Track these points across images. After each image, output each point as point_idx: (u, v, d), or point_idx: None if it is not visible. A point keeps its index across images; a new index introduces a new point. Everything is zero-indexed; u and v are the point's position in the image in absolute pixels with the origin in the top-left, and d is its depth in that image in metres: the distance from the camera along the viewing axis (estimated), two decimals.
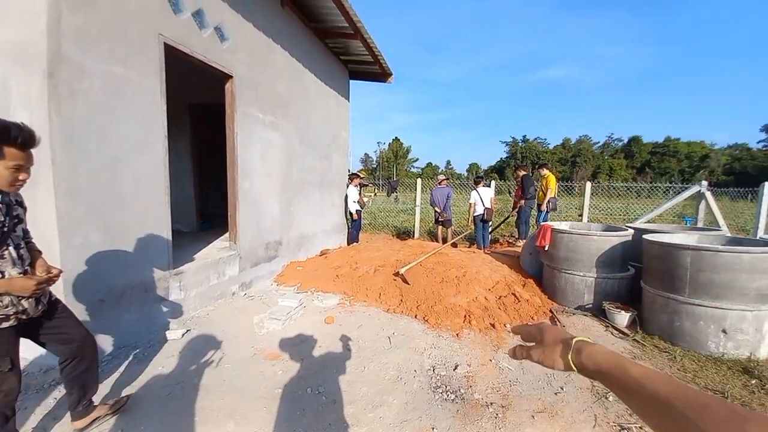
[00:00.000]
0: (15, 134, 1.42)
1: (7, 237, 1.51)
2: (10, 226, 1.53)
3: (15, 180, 1.48)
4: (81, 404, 1.90)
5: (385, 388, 2.41)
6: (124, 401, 2.13)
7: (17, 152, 1.45)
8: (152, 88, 2.95)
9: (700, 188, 6.61)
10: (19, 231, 1.59)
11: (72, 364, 1.84)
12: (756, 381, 2.58)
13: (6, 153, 1.42)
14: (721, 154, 51.29)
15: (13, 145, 1.43)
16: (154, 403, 2.20)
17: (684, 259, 3.08)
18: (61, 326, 1.80)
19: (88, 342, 1.91)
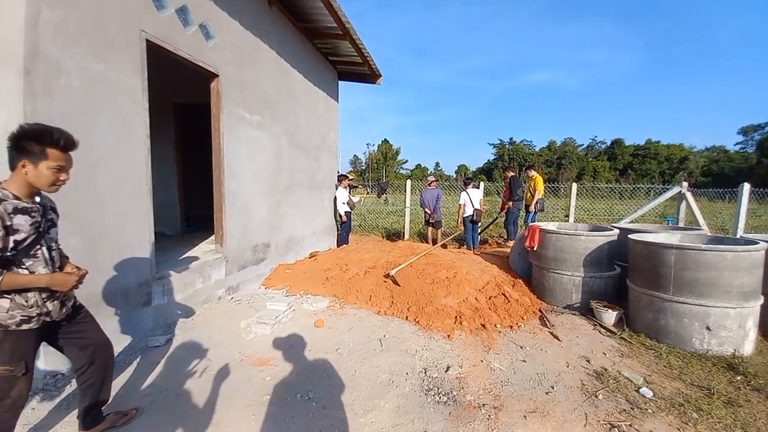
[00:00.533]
0: (57, 137, 1.51)
1: (41, 237, 1.58)
2: (45, 227, 1.60)
3: (56, 180, 1.55)
4: (91, 414, 1.87)
5: (376, 392, 2.38)
6: (134, 414, 2.08)
7: (59, 154, 1.53)
8: (133, 87, 2.86)
9: (681, 189, 6.81)
10: (53, 233, 1.66)
11: (89, 371, 1.82)
12: (741, 377, 2.64)
13: (49, 154, 1.50)
14: (700, 156, 53.02)
15: (55, 147, 1.51)
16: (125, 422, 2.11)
17: (668, 257, 3.14)
18: (83, 331, 1.81)
19: (106, 348, 1.90)
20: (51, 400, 2.19)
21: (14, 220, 1.47)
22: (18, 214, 1.49)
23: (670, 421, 2.15)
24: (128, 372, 2.52)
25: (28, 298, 1.53)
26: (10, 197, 1.49)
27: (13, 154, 1.50)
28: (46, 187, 1.54)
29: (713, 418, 2.17)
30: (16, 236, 1.48)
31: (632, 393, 2.44)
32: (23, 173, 1.50)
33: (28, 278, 1.51)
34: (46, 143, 1.49)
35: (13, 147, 1.49)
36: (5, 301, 1.49)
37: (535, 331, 3.48)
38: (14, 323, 1.51)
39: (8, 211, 1.46)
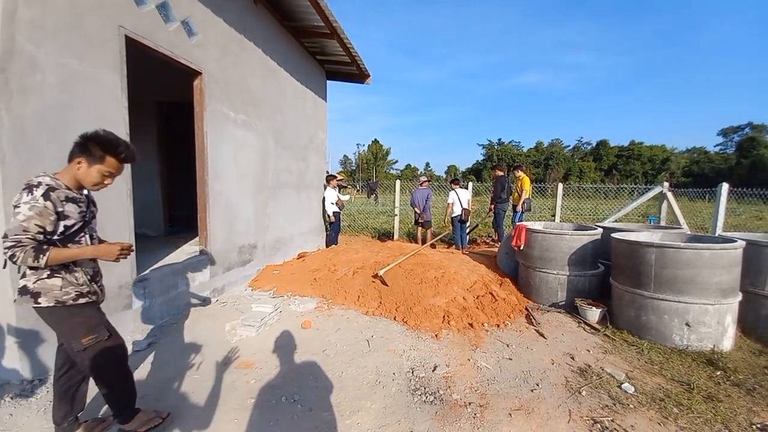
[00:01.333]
0: (121, 150, 1.68)
1: (86, 225, 1.74)
2: (89, 217, 1.77)
3: (100, 183, 1.71)
4: (67, 420, 1.87)
5: (363, 393, 2.36)
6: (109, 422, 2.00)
7: (115, 163, 1.70)
8: (111, 84, 2.77)
9: (662, 189, 6.98)
10: (93, 224, 1.83)
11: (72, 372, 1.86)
12: (721, 372, 2.70)
13: (106, 161, 1.67)
14: (681, 157, 54.60)
15: (115, 157, 1.68)
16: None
17: (649, 256, 3.21)
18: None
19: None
20: (28, 405, 2.13)
21: (65, 207, 1.63)
22: (69, 202, 1.65)
23: (651, 416, 2.20)
24: None
25: (77, 277, 1.69)
26: (63, 187, 1.64)
27: (75, 149, 1.66)
28: (89, 185, 1.71)
29: (693, 412, 2.22)
30: (66, 222, 1.64)
31: (615, 389, 2.48)
32: (76, 169, 1.67)
33: (74, 251, 1.64)
34: (108, 151, 1.66)
35: (79, 144, 1.66)
36: (57, 279, 1.64)
37: (522, 330, 3.51)
38: (70, 298, 1.66)
39: (61, 199, 1.61)
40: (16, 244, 1.49)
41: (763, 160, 41.99)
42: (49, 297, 1.63)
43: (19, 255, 1.49)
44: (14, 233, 1.50)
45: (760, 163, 41.36)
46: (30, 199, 1.53)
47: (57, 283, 1.64)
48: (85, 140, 1.65)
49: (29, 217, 1.52)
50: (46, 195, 1.56)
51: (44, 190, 1.56)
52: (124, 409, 1.86)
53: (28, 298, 1.63)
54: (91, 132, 1.66)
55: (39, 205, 1.53)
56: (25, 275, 1.64)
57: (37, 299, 1.62)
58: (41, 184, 1.57)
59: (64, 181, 1.66)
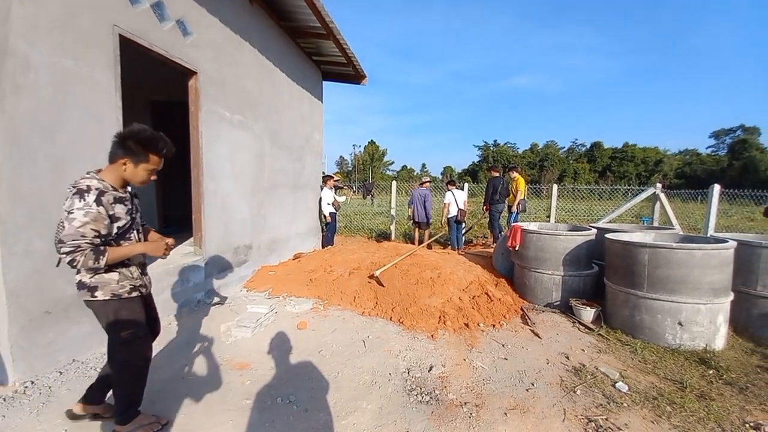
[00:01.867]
0: (162, 146, 1.73)
1: (134, 222, 1.80)
2: (135, 214, 1.82)
3: (147, 180, 1.78)
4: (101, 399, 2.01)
5: (359, 393, 2.36)
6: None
7: (158, 160, 1.76)
8: (105, 83, 2.75)
9: (655, 190, 7.06)
10: (138, 218, 1.87)
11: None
12: (713, 371, 2.73)
13: (150, 159, 1.72)
14: (674, 158, 55.25)
15: (157, 154, 1.74)
16: (107, 421, 2.02)
17: (642, 256, 3.25)
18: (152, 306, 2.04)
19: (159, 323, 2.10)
20: (21, 407, 2.10)
21: (115, 210, 1.68)
22: (117, 203, 1.69)
23: (644, 415, 2.22)
24: None
25: (131, 271, 1.79)
26: (110, 189, 1.67)
27: (117, 150, 1.69)
28: (138, 184, 1.78)
29: (686, 411, 2.25)
30: (118, 223, 1.70)
31: (609, 388, 2.50)
32: (122, 169, 1.71)
33: (127, 248, 1.72)
34: (151, 149, 1.71)
35: (119, 144, 1.68)
36: (114, 274, 1.73)
37: (517, 330, 3.53)
38: (125, 292, 1.76)
39: (110, 202, 1.65)
40: (75, 249, 1.54)
41: (754, 162, 42.62)
42: (105, 290, 1.71)
43: (78, 259, 1.54)
44: (72, 239, 1.54)
45: (752, 165, 41.98)
46: (83, 204, 1.57)
47: (114, 278, 1.73)
48: (123, 139, 1.67)
49: (85, 223, 1.56)
50: (98, 200, 1.60)
51: (96, 195, 1.60)
52: (127, 409, 1.86)
53: (85, 292, 1.70)
54: (128, 130, 1.68)
55: (93, 211, 1.58)
56: (80, 271, 1.69)
57: (94, 293, 1.70)
58: (91, 189, 1.60)
59: (110, 182, 1.70)
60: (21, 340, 2.28)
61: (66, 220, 1.56)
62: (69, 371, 2.47)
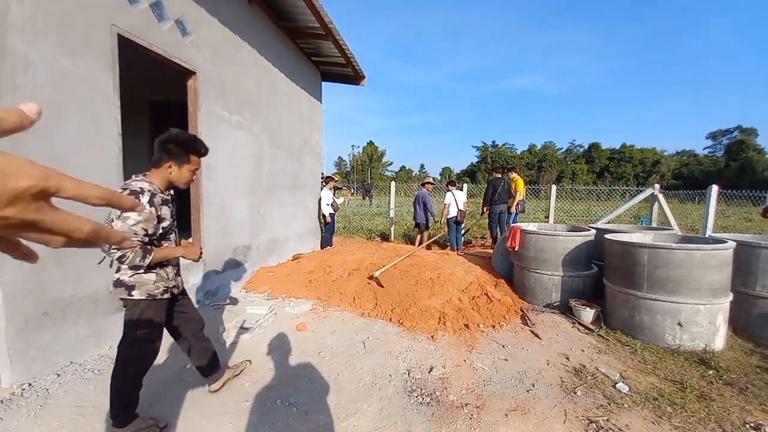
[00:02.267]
0: (200, 146, 1.85)
1: (174, 222, 1.91)
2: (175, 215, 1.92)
3: (190, 180, 1.89)
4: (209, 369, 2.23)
5: (359, 395, 2.34)
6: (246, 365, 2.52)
7: (197, 160, 1.88)
8: (104, 83, 2.74)
9: (654, 191, 7.08)
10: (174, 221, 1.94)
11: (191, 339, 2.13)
12: (713, 372, 2.73)
13: (192, 160, 1.84)
14: (671, 159, 55.53)
15: (197, 155, 1.86)
16: (104, 424, 2.00)
17: (642, 256, 3.25)
18: (186, 305, 2.13)
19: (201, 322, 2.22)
20: (18, 409, 2.08)
21: (162, 211, 1.78)
22: (163, 205, 1.80)
23: (645, 415, 2.21)
24: (97, 382, 2.40)
25: (167, 272, 1.88)
26: (158, 191, 1.78)
27: (161, 154, 1.78)
28: (183, 185, 1.88)
29: (687, 411, 2.24)
30: (163, 224, 1.79)
31: (609, 388, 2.50)
32: (168, 172, 1.81)
33: (168, 250, 1.82)
34: (191, 151, 1.82)
35: (162, 149, 1.77)
36: (152, 275, 1.81)
37: (517, 330, 3.53)
38: (159, 293, 1.84)
39: (159, 203, 1.75)
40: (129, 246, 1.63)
41: (751, 162, 42.87)
42: (142, 290, 1.79)
43: (129, 256, 1.63)
44: None
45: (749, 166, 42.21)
46: None
47: (152, 278, 1.81)
48: (165, 143, 1.77)
49: (138, 222, 1.67)
50: (151, 201, 1.71)
51: (149, 197, 1.71)
52: (125, 409, 1.86)
53: (123, 290, 1.78)
54: (167, 135, 1.78)
55: (146, 211, 1.69)
56: (120, 269, 1.78)
57: (131, 292, 1.78)
58: (144, 190, 1.70)
59: (157, 184, 1.80)
60: (18, 341, 2.26)
61: (119, 219, 1.66)
62: (66, 373, 2.45)
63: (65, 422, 2.01)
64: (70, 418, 2.05)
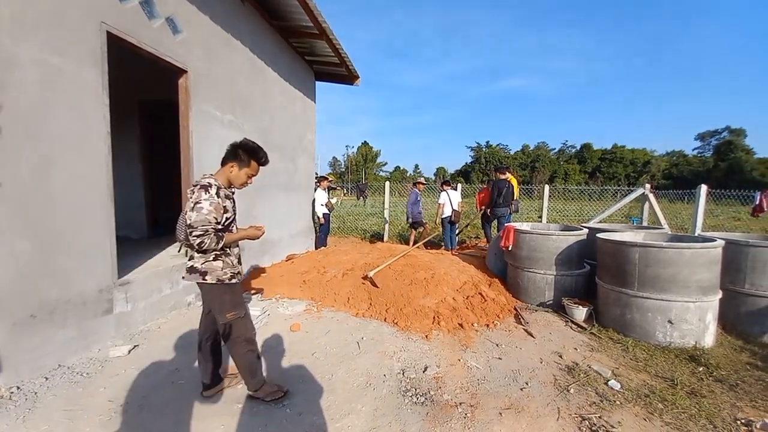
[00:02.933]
0: (261, 155, 2.11)
1: (235, 215, 2.12)
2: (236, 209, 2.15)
3: (245, 182, 2.13)
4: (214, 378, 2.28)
5: (353, 395, 2.33)
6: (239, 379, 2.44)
7: (257, 167, 2.13)
8: (92, 81, 2.69)
9: (644, 191, 7.17)
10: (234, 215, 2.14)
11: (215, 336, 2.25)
12: (703, 368, 2.77)
13: (251, 165, 2.09)
14: (661, 160, 56.25)
15: (257, 162, 2.11)
16: (93, 428, 1.97)
17: (633, 255, 3.28)
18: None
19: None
20: (7, 412, 2.04)
21: (226, 203, 2.01)
22: (227, 199, 2.04)
23: (636, 412, 2.23)
24: (86, 385, 2.35)
25: (231, 260, 2.09)
26: (223, 187, 2.03)
27: (229, 156, 2.05)
28: (238, 185, 2.13)
29: (678, 408, 2.27)
30: (227, 215, 2.03)
31: (601, 386, 2.52)
32: (229, 171, 2.06)
33: (235, 234, 2.09)
34: (252, 157, 2.07)
35: (232, 152, 2.05)
36: (219, 262, 2.03)
37: (511, 329, 3.54)
38: (227, 278, 2.05)
39: (223, 197, 1.99)
40: (205, 233, 1.87)
41: (740, 163, 43.65)
42: (212, 276, 2.02)
43: (206, 241, 1.87)
44: (202, 224, 1.87)
45: (738, 166, 42.98)
46: (209, 196, 1.92)
47: (219, 265, 2.02)
48: (235, 148, 2.05)
49: (210, 211, 1.90)
50: (218, 193, 1.96)
51: (216, 190, 1.96)
52: (253, 376, 2.15)
53: (197, 275, 2.01)
54: (239, 141, 2.07)
55: (216, 201, 1.93)
56: (193, 258, 2.04)
57: (204, 277, 2.01)
58: (212, 185, 1.96)
59: (221, 181, 2.04)
60: (5, 344, 2.22)
61: (193, 210, 1.89)
62: (55, 377, 2.40)
63: (54, 426, 1.97)
64: (59, 422, 2.01)
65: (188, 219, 1.91)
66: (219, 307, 2.07)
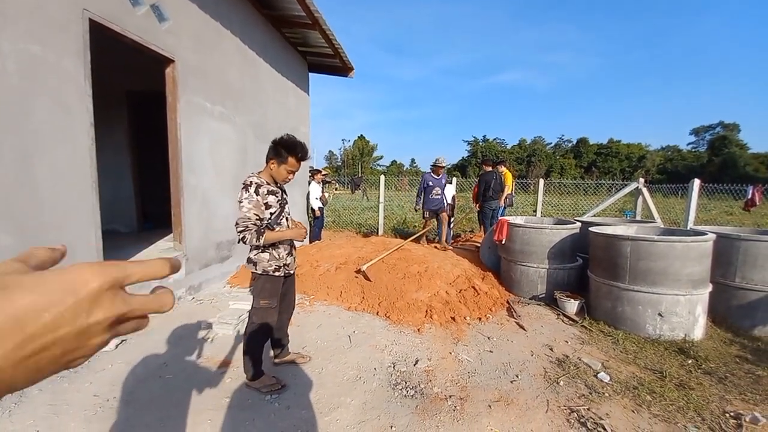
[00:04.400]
0: (299, 151, 2.11)
1: (283, 210, 2.21)
2: (284, 203, 2.23)
3: (286, 178, 2.20)
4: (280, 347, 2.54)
5: (343, 389, 2.32)
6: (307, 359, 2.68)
7: (295, 162, 2.15)
8: (74, 71, 2.61)
9: (638, 185, 7.18)
10: (287, 208, 2.27)
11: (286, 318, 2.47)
12: (692, 361, 2.78)
13: (289, 161, 2.12)
14: (656, 154, 56.51)
15: (295, 157, 2.12)
16: (78, 423, 1.94)
17: (624, 248, 3.28)
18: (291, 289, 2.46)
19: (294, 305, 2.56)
20: None
21: (268, 199, 2.11)
22: (270, 195, 2.12)
23: (625, 404, 2.24)
24: (72, 380, 2.32)
25: (279, 253, 2.19)
26: (264, 183, 2.12)
27: (270, 153, 2.13)
28: (280, 180, 2.20)
29: (666, 400, 2.28)
30: (270, 210, 2.13)
31: (591, 378, 2.53)
32: (271, 168, 2.14)
33: (279, 233, 2.15)
34: (290, 153, 2.10)
35: (273, 148, 2.11)
36: (266, 254, 2.16)
37: (503, 322, 3.55)
38: (272, 269, 2.18)
39: (265, 193, 2.09)
40: (245, 229, 2.00)
41: (734, 157, 43.94)
42: (259, 267, 2.17)
43: (247, 236, 2.00)
44: (243, 221, 2.01)
45: (731, 161, 43.28)
46: (248, 195, 2.04)
47: (265, 257, 2.16)
48: (275, 145, 2.11)
49: (250, 209, 2.02)
50: (256, 191, 2.06)
51: (255, 188, 2.06)
52: (254, 365, 2.22)
53: (251, 266, 2.18)
54: (279, 138, 2.11)
55: (254, 198, 2.04)
56: (250, 249, 2.18)
57: (255, 267, 2.17)
58: (252, 183, 2.07)
59: (265, 178, 2.14)
60: None
61: (239, 209, 2.03)
62: None
63: (39, 421, 1.95)
64: (44, 417, 1.98)
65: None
66: (258, 292, 2.21)
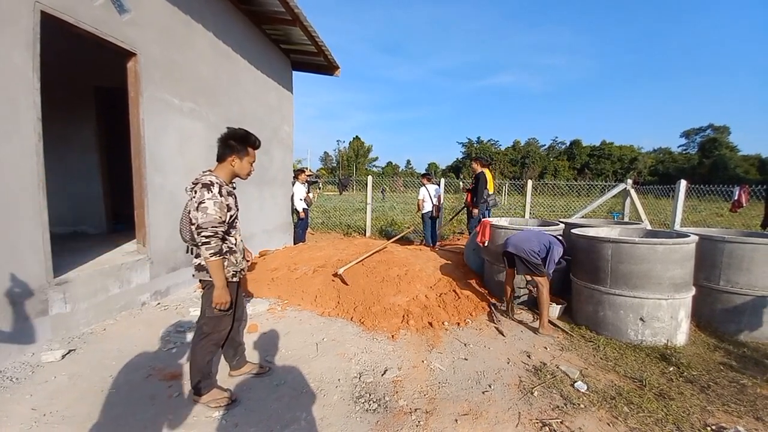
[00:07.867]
0: (254, 140, 2.03)
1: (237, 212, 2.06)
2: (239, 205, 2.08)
3: (250, 171, 2.07)
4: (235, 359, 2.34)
5: (299, 403, 2.16)
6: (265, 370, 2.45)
7: (254, 152, 2.06)
8: (22, 64, 2.45)
9: (626, 186, 7.11)
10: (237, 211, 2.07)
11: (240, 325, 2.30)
12: (674, 368, 2.66)
13: (250, 152, 2.02)
14: (648, 156, 56.91)
15: (253, 146, 2.03)
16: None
17: (606, 251, 3.16)
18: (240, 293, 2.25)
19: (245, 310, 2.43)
20: None
21: (229, 201, 1.94)
22: (229, 196, 1.96)
23: (601, 416, 2.11)
24: (11, 392, 2.13)
25: (237, 258, 2.05)
26: (224, 184, 1.93)
27: (224, 150, 1.97)
28: (244, 175, 2.05)
29: (644, 411, 2.15)
30: (230, 212, 1.96)
31: (567, 388, 2.39)
32: (231, 165, 1.98)
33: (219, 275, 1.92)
34: (249, 145, 2.00)
35: (225, 145, 1.96)
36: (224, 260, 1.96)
37: (482, 327, 3.41)
38: (229, 276, 1.99)
39: (225, 194, 1.91)
40: (214, 234, 1.84)
41: (724, 159, 44.37)
42: None
43: (212, 243, 1.83)
44: (210, 225, 1.83)
45: (722, 163, 43.70)
46: (212, 196, 1.85)
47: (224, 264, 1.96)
48: (226, 140, 1.96)
49: (216, 211, 1.85)
50: (221, 192, 1.88)
51: (218, 188, 1.88)
52: (202, 379, 2.04)
53: (204, 273, 1.96)
54: (226, 133, 1.98)
55: (219, 200, 1.87)
56: (199, 255, 1.97)
57: (208, 274, 1.94)
58: (214, 183, 1.88)
59: (222, 177, 1.95)
60: None
61: (198, 210, 1.83)
62: None
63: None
64: None
65: (194, 219, 1.85)
66: (210, 300, 1.99)
